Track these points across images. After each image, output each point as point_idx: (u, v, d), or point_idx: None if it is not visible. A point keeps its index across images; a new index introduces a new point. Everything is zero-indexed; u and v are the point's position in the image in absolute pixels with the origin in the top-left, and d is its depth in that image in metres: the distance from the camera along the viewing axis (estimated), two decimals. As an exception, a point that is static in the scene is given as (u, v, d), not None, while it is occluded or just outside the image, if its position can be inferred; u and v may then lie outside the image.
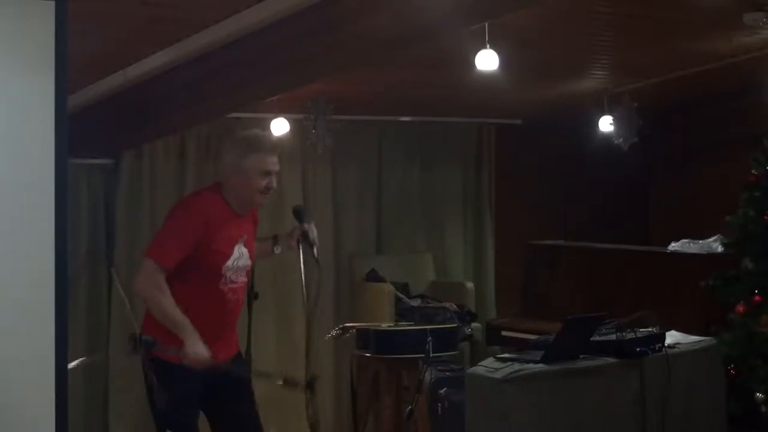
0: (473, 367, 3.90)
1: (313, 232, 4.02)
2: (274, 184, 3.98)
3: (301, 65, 4.46)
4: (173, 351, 3.77)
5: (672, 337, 4.25)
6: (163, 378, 3.75)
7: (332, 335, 5.19)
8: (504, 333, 6.75)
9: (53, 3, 2.91)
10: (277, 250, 4.18)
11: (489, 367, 3.76)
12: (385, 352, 4.95)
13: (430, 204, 7.34)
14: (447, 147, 7.40)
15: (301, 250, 3.97)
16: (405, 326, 5.32)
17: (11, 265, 2.88)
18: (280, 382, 3.95)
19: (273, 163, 3.96)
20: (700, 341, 4.40)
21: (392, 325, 5.53)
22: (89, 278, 6.07)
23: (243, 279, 4.02)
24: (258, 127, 6.29)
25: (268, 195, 4.00)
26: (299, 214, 4.07)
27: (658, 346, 4.04)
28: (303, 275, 3.83)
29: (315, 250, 3.98)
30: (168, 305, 3.82)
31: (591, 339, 3.97)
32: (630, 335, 3.97)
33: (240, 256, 3.98)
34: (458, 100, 6.66)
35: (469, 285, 7.08)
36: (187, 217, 3.93)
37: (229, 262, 3.93)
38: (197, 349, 3.77)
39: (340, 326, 5.21)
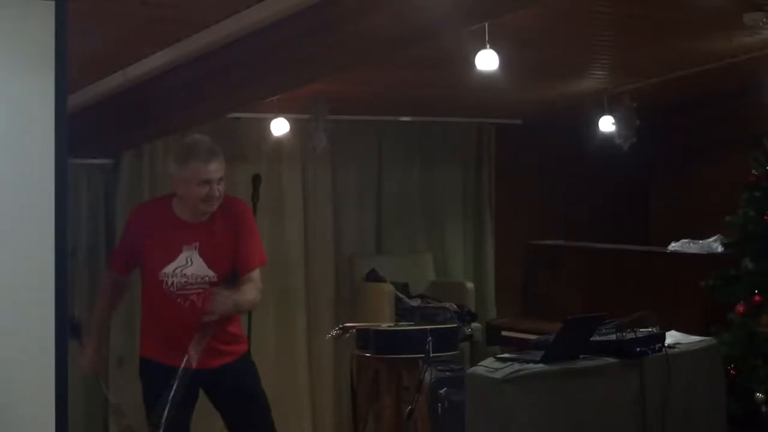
0: (473, 367, 3.89)
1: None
2: (217, 193, 3.82)
3: (301, 65, 4.45)
4: None
5: (672, 337, 4.24)
6: (144, 376, 3.89)
7: (332, 335, 5.19)
8: (504, 333, 6.75)
9: (53, 3, 2.91)
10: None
11: (489, 367, 3.75)
12: (385, 352, 4.95)
13: (430, 204, 7.33)
14: (447, 147, 7.39)
15: None
16: (405, 326, 5.32)
17: (11, 265, 2.88)
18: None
19: (212, 170, 3.80)
20: (700, 341, 4.40)
21: (392, 325, 5.52)
22: (89, 278, 6.06)
23: (204, 287, 3.84)
24: (258, 127, 6.33)
25: (212, 203, 3.84)
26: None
27: (658, 346, 4.04)
28: None
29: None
30: (96, 305, 4.16)
31: (591, 339, 3.97)
32: (630, 335, 3.96)
33: (188, 263, 3.84)
34: (458, 100, 6.66)
35: (469, 285, 7.07)
36: (127, 222, 4.15)
37: (168, 269, 3.82)
38: (82, 358, 3.97)
39: (340, 326, 5.21)
